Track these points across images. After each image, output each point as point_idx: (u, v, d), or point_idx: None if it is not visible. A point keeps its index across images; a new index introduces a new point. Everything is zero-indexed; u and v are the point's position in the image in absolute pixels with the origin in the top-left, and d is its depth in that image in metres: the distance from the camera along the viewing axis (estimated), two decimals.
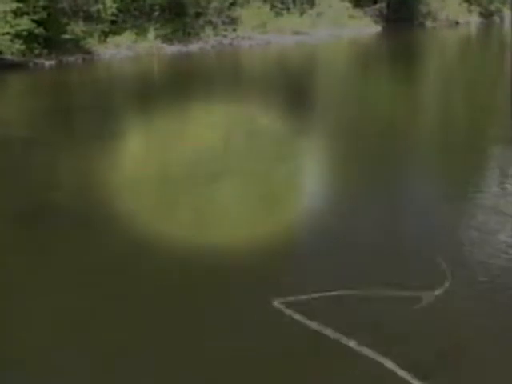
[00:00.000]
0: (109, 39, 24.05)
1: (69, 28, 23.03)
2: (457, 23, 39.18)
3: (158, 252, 5.83)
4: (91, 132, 12.18)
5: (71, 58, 22.44)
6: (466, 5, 40.53)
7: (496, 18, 43.95)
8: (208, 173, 8.48)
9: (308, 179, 8.83)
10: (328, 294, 4.86)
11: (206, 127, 11.89)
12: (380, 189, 7.91)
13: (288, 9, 29.03)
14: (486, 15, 43.02)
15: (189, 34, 25.83)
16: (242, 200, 7.63)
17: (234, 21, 26.63)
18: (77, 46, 23.03)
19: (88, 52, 23.26)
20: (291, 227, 6.59)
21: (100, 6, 23.93)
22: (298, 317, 4.56)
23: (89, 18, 23.79)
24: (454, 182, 8.38)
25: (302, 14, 29.27)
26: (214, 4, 26.29)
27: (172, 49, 25.09)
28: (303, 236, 6.48)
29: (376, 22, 32.80)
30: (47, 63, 21.59)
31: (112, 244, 6.24)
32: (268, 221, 6.74)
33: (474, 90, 16.38)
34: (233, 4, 26.99)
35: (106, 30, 24.04)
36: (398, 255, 5.80)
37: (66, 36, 22.69)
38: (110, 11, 24.10)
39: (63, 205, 7.45)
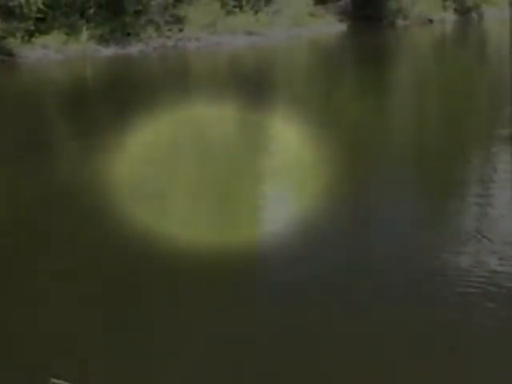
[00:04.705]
0: (34, 39, 22.47)
1: None
2: (430, 21, 38.53)
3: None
4: None
5: None
6: (440, 0, 40.06)
7: (474, 16, 43.47)
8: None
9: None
10: None
11: (145, 145, 11.19)
12: None
13: (241, 6, 27.54)
14: (463, 12, 42.55)
15: (128, 34, 24.30)
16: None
17: (179, 20, 25.19)
18: None
19: (9, 54, 21.78)
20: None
21: (22, 0, 22.24)
22: None
23: (9, 13, 22.22)
24: None
25: (256, 12, 27.86)
26: (156, 1, 24.82)
27: (108, 51, 23.58)
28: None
29: (340, 21, 31.64)
30: None
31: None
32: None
33: (448, 108, 15.39)
34: (179, 1, 25.47)
35: (31, 28, 22.45)
36: None
37: None
38: (35, 7, 22.50)
39: None
